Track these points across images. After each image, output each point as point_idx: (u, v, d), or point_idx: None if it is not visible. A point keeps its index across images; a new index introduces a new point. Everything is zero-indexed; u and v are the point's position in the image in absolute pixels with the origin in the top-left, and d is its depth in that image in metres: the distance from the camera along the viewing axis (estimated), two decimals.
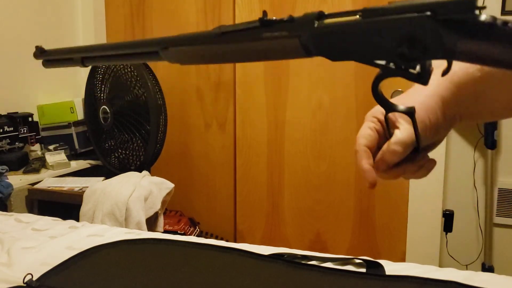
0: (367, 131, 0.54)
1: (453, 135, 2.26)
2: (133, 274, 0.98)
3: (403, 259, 2.15)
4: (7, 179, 1.90)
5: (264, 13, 0.47)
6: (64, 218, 1.45)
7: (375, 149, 0.53)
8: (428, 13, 0.36)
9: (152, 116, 2.05)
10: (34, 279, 0.92)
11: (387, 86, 2.13)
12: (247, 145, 2.39)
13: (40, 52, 0.71)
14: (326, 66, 2.20)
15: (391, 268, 1.01)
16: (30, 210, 1.95)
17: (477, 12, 0.34)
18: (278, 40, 0.45)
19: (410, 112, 0.48)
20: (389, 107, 0.47)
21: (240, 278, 0.96)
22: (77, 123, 2.37)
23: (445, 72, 0.40)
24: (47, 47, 0.69)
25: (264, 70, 2.32)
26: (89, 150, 2.40)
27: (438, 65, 0.40)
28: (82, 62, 0.65)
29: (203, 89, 2.47)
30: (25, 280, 0.91)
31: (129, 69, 2.11)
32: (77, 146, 2.38)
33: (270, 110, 2.34)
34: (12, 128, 2.13)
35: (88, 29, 2.67)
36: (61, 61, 0.70)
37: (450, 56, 0.37)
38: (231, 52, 0.49)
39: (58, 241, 1.21)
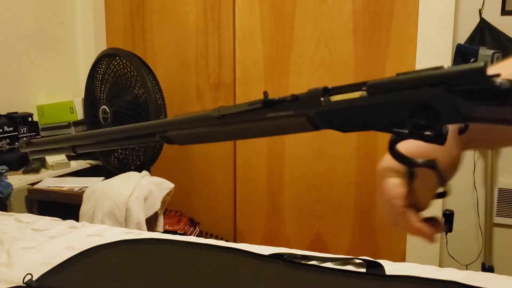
0: (399, 190, 0.50)
1: None
2: (133, 274, 0.98)
3: (403, 259, 2.15)
4: (7, 179, 1.90)
5: (265, 93, 0.46)
6: (64, 218, 1.45)
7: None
8: (443, 86, 0.35)
9: (152, 116, 2.05)
10: (34, 279, 0.92)
11: None
12: (247, 145, 2.39)
13: (26, 144, 0.68)
14: (326, 66, 2.20)
15: (391, 268, 1.01)
16: (30, 210, 1.95)
17: (494, 79, 0.34)
18: (283, 119, 0.45)
19: (431, 165, 0.45)
20: (412, 163, 0.44)
21: (240, 278, 0.96)
22: (77, 123, 2.37)
23: (462, 131, 0.39)
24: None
25: (264, 70, 2.32)
26: None
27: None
28: (73, 150, 0.63)
29: (203, 89, 2.47)
30: (25, 280, 0.91)
31: (129, 69, 2.11)
32: None
33: None
34: (12, 128, 2.13)
35: (87, 29, 2.67)
36: (51, 150, 0.68)
37: (468, 121, 0.37)
38: (233, 132, 0.49)
39: (58, 241, 1.21)
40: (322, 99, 0.42)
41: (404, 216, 0.50)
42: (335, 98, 0.42)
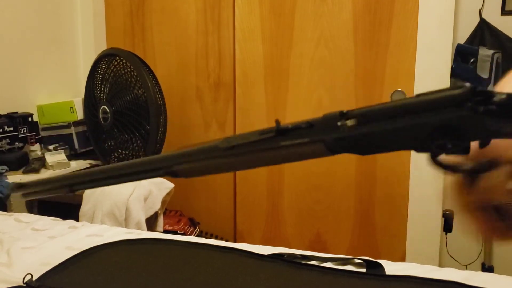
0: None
1: None
2: (133, 274, 0.98)
3: (403, 259, 2.15)
4: (7, 179, 1.90)
5: (277, 122, 0.44)
6: (64, 218, 1.45)
7: None
8: (469, 105, 0.35)
9: (152, 116, 2.05)
10: (34, 279, 0.92)
11: (387, 86, 2.13)
12: None
13: (17, 187, 0.64)
14: (326, 66, 2.20)
15: (391, 268, 1.01)
16: (30, 210, 1.95)
17: None
18: (298, 147, 0.43)
19: (487, 167, 0.41)
20: (462, 171, 0.41)
21: (240, 278, 0.96)
22: (77, 123, 2.37)
23: (482, 145, 0.39)
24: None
25: (264, 70, 2.32)
26: (89, 150, 2.40)
27: None
28: (71, 189, 0.59)
29: (203, 89, 2.47)
30: (25, 280, 0.91)
31: (129, 69, 2.11)
32: (77, 146, 2.38)
33: (270, 110, 2.33)
34: (12, 128, 2.13)
35: (87, 28, 2.66)
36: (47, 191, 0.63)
37: (492, 138, 0.37)
38: (244, 163, 0.47)
39: (57, 241, 1.21)
40: (339, 124, 0.41)
41: (478, 215, 0.46)
42: (352, 122, 0.41)
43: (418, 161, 2.07)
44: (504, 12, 2.09)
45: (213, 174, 0.51)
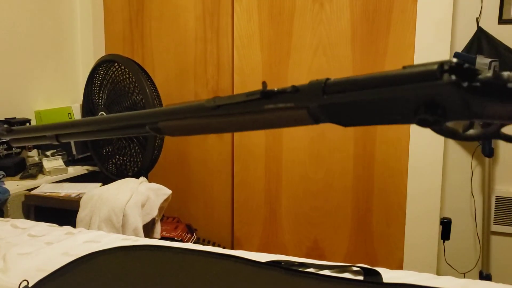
0: None
1: (450, 143, 2.26)
2: (130, 281, 0.97)
3: (400, 267, 2.15)
4: (4, 184, 1.90)
5: (264, 83, 0.44)
6: (61, 224, 1.44)
7: None
8: (452, 79, 0.33)
9: None
10: (30, 285, 0.92)
11: None
12: (244, 151, 2.39)
13: (6, 132, 0.65)
14: (324, 73, 2.21)
15: (389, 275, 1.01)
16: (27, 216, 1.94)
17: (505, 75, 0.33)
18: (282, 111, 0.43)
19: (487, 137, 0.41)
20: (462, 137, 0.40)
21: (237, 286, 0.96)
22: None
23: (466, 129, 0.38)
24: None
25: (262, 77, 2.32)
26: (86, 156, 2.40)
27: None
28: (57, 139, 0.60)
29: (201, 96, 2.48)
30: (21, 287, 0.91)
31: (127, 75, 2.12)
32: (74, 152, 2.38)
33: None
34: None
35: (86, 35, 2.67)
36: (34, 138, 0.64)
37: (475, 118, 0.35)
38: (228, 124, 0.46)
39: (54, 247, 1.20)
40: (324, 91, 0.41)
41: None
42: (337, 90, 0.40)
43: (416, 168, 2.07)
44: (501, 21, 2.10)
45: (197, 134, 0.50)
